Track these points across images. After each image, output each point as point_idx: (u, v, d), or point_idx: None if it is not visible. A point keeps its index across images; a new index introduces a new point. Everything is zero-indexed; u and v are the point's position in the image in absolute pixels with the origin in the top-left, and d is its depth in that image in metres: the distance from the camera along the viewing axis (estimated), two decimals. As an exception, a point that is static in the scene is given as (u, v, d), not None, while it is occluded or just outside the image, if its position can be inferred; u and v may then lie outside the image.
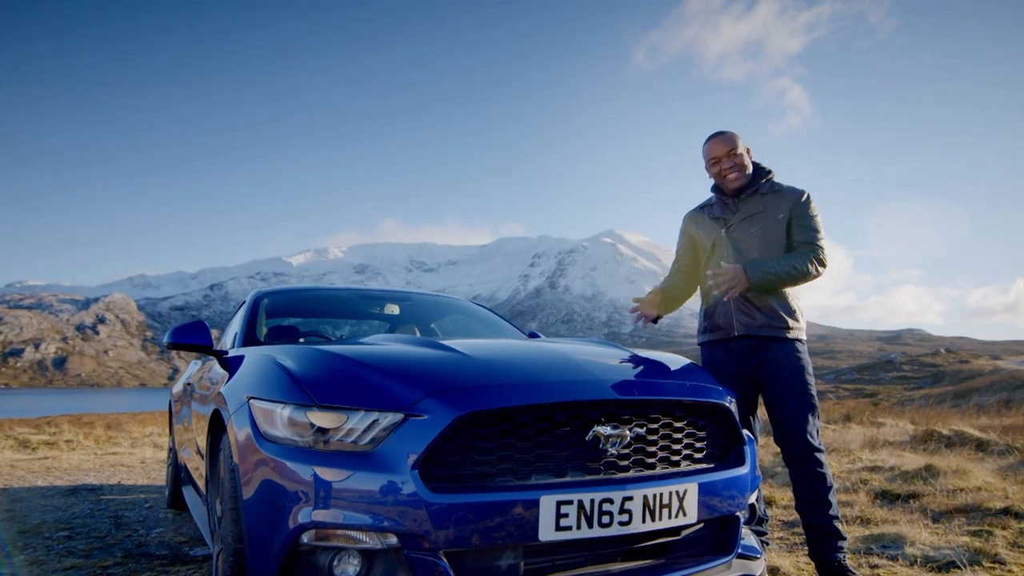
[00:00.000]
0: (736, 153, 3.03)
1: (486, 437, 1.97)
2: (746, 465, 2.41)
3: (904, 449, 6.98)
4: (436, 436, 1.89)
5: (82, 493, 5.69)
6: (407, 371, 2.12)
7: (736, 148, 3.04)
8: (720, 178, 3.08)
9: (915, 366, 77.06)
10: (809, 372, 2.94)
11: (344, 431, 1.98)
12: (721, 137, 3.07)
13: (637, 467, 2.17)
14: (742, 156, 3.04)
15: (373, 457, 1.92)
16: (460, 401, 1.95)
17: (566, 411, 2.06)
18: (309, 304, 4.02)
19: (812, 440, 2.85)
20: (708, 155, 3.10)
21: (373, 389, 2.04)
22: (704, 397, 2.35)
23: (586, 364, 2.30)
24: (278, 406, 2.08)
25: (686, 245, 3.31)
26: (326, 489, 1.91)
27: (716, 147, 3.06)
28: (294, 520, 1.92)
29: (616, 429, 2.10)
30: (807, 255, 2.92)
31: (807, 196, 3.03)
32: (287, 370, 2.20)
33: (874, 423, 11.24)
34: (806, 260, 2.91)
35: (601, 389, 2.13)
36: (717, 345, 3.10)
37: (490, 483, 1.94)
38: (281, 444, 2.02)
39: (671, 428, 2.27)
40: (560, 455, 2.05)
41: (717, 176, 3.10)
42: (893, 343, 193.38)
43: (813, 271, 2.92)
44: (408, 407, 1.95)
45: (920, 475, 5.11)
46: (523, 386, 2.06)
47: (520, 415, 2.01)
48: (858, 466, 5.95)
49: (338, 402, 2.02)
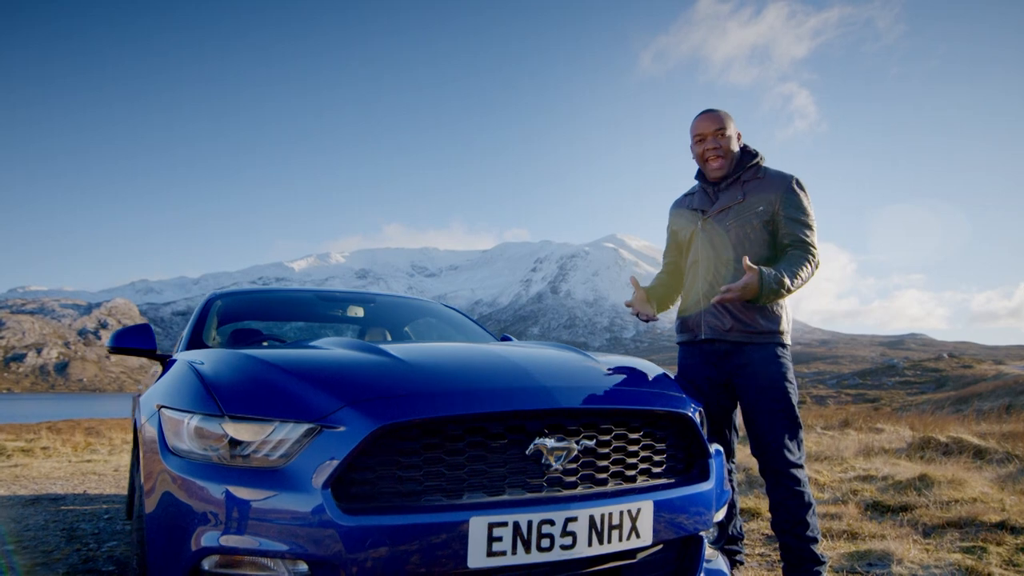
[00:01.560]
0: (724, 134, 2.76)
1: (411, 451, 1.77)
2: (711, 480, 2.21)
3: (900, 457, 6.75)
4: (351, 450, 1.69)
5: (43, 503, 5.48)
6: (328, 377, 1.92)
7: (725, 128, 2.77)
8: (702, 160, 2.83)
9: (918, 371, 76.60)
10: (790, 380, 2.70)
11: (255, 444, 1.78)
12: (710, 114, 2.81)
13: (586, 483, 1.97)
14: (729, 139, 2.78)
15: (283, 474, 1.72)
16: (380, 411, 1.75)
17: (503, 422, 1.86)
18: (266, 306, 3.82)
19: (789, 455, 2.63)
20: (694, 132, 2.83)
21: (288, 398, 1.84)
22: (663, 406, 2.15)
23: (533, 370, 2.09)
24: (186, 416, 1.89)
25: (671, 241, 3.09)
26: (232, 510, 1.71)
27: (703, 124, 2.80)
28: (196, 543, 1.72)
29: (561, 442, 1.90)
30: (805, 261, 2.62)
31: (795, 183, 2.70)
32: (201, 376, 2.00)
33: (873, 429, 11.00)
34: (807, 267, 2.62)
35: (545, 397, 1.92)
36: (692, 347, 2.88)
37: (415, 503, 1.74)
38: (186, 458, 1.83)
39: (626, 440, 2.07)
40: (496, 471, 1.85)
41: (699, 158, 2.84)
42: (896, 348, 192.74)
43: (811, 277, 2.65)
44: (323, 418, 1.76)
45: (914, 485, 4.88)
46: (454, 394, 1.86)
47: (450, 427, 1.80)
48: (850, 475, 5.72)
49: (249, 412, 1.82)
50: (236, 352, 2.18)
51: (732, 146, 2.79)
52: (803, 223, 2.69)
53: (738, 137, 2.84)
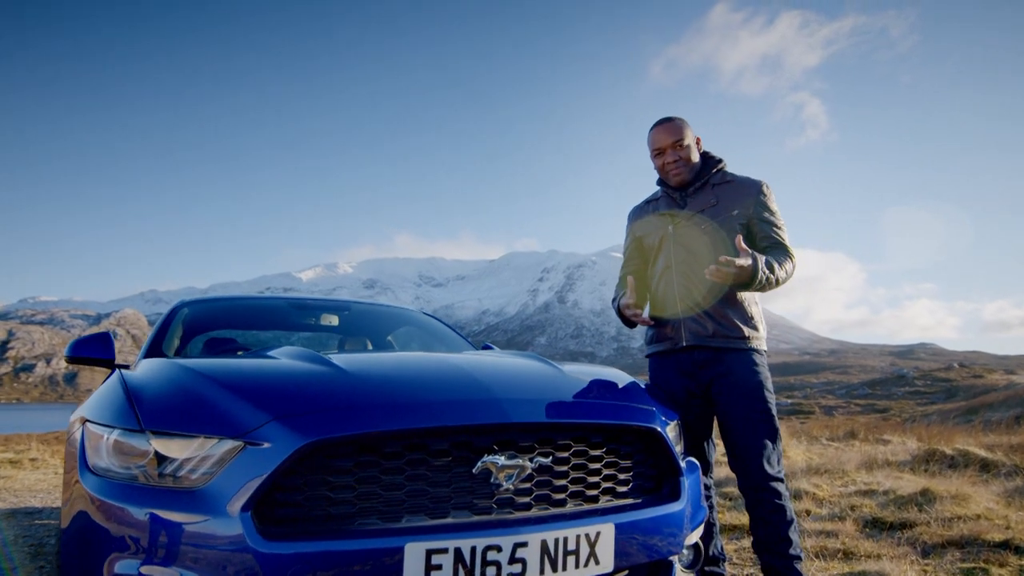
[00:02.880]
0: (682, 144, 2.69)
1: (344, 470, 1.62)
2: (682, 499, 2.04)
3: (903, 470, 6.54)
4: (274, 470, 1.54)
5: (19, 517, 5.34)
6: (258, 390, 1.77)
7: (683, 139, 2.69)
8: (663, 172, 2.76)
9: (928, 381, 75.88)
10: (769, 388, 2.56)
11: (177, 463, 1.64)
12: (667, 125, 2.72)
13: (541, 505, 1.81)
14: (689, 149, 2.70)
15: (201, 496, 1.58)
16: (309, 426, 1.60)
17: (447, 437, 1.71)
18: (234, 315, 3.69)
19: (770, 468, 2.47)
20: (652, 145, 2.75)
21: (214, 412, 1.70)
22: (628, 420, 1.99)
23: (487, 381, 1.94)
24: (107, 431, 1.75)
25: (633, 248, 2.94)
26: (148, 535, 1.57)
27: (660, 136, 2.72)
28: (108, 571, 1.58)
29: (513, 459, 1.75)
30: (787, 257, 2.59)
31: (766, 188, 2.68)
32: (127, 388, 1.87)
33: (879, 440, 10.77)
34: (788, 264, 2.57)
35: (495, 411, 1.77)
36: (666, 357, 2.73)
37: (346, 527, 1.59)
38: (103, 477, 1.69)
39: (586, 457, 1.91)
40: (440, 492, 1.69)
41: (660, 169, 2.77)
42: (906, 358, 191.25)
43: (790, 276, 2.59)
44: (247, 433, 1.61)
45: (915, 500, 4.68)
46: (393, 407, 1.71)
47: (387, 443, 1.66)
48: (851, 489, 5.52)
49: (171, 427, 1.68)
50: (169, 362, 2.05)
51: (692, 156, 2.72)
52: (777, 225, 2.67)
53: (697, 143, 2.77)
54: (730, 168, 2.77)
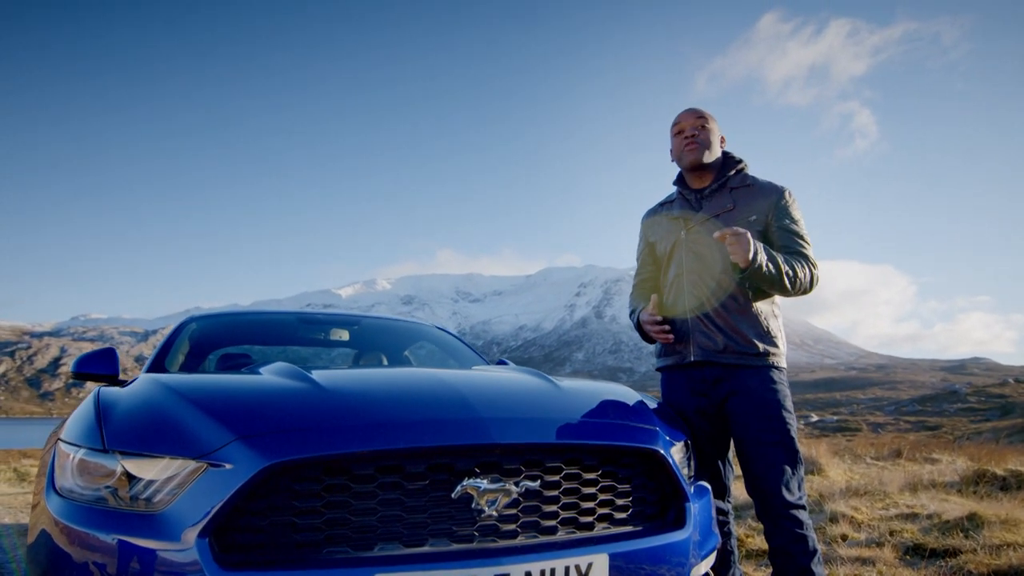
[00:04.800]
0: (704, 127, 2.55)
1: (311, 494, 1.52)
2: (688, 526, 1.89)
3: (951, 492, 6.19)
4: (234, 493, 1.45)
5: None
6: (226, 407, 1.68)
7: (706, 121, 2.56)
8: (678, 152, 2.60)
9: (981, 397, 72.96)
10: (787, 408, 2.38)
11: (141, 484, 1.56)
12: (693, 109, 2.61)
13: (528, 532, 1.68)
14: (709, 132, 2.55)
15: (161, 520, 1.49)
16: (273, 446, 1.50)
17: (424, 459, 1.60)
18: (242, 330, 3.64)
19: (789, 495, 2.29)
20: (674, 125, 2.62)
21: (180, 431, 1.61)
22: (626, 440, 1.85)
23: (473, 399, 1.82)
24: (74, 450, 1.68)
25: (646, 253, 2.79)
26: (106, 560, 1.49)
27: (683, 116, 2.60)
28: (67, 598, 1.50)
29: (497, 483, 1.63)
30: (802, 263, 2.40)
31: (788, 194, 2.50)
32: (99, 406, 1.80)
33: (927, 459, 10.28)
34: (805, 271, 2.39)
35: (477, 430, 1.65)
36: (676, 373, 2.57)
37: (313, 556, 1.49)
38: (66, 498, 1.61)
39: (579, 481, 1.78)
40: (416, 518, 1.58)
41: (676, 149, 2.61)
42: (958, 373, 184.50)
43: (807, 285, 2.40)
44: (209, 454, 1.52)
45: (961, 526, 4.39)
46: (367, 427, 1.60)
47: (358, 465, 1.55)
48: (892, 513, 5.22)
49: (135, 447, 1.60)
50: (150, 378, 1.97)
51: (711, 140, 2.56)
52: (798, 234, 2.47)
53: (722, 141, 2.63)
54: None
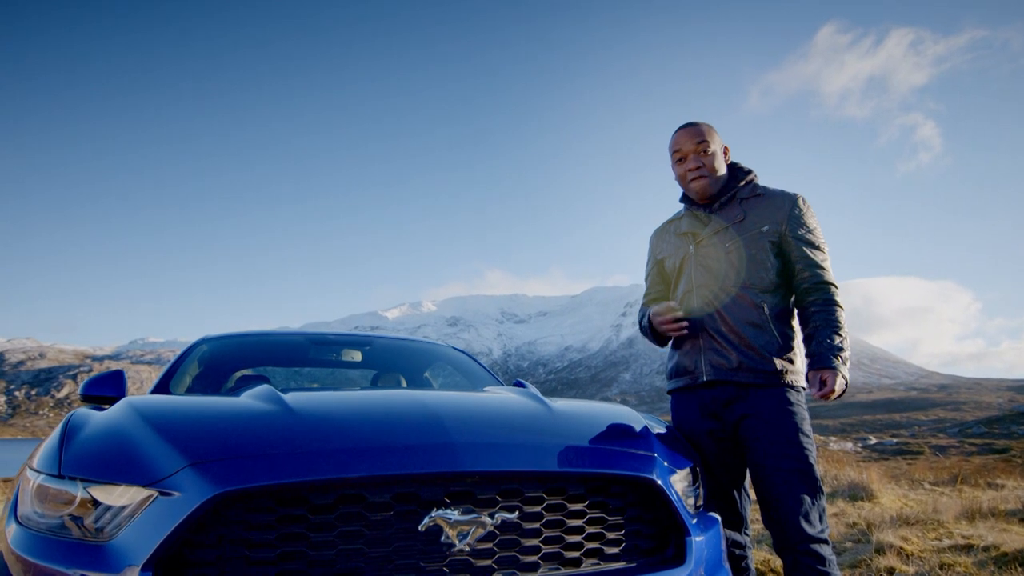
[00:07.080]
0: (707, 151, 2.37)
1: (265, 525, 1.42)
2: (689, 562, 1.72)
3: (1012, 521, 5.75)
4: (179, 523, 1.36)
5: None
6: (182, 432, 1.59)
7: (708, 144, 2.38)
8: (684, 182, 2.44)
9: (1054, 418, 69.07)
10: (805, 432, 2.19)
11: (93, 514, 1.49)
12: (690, 128, 2.41)
13: (506, 569, 1.55)
14: (713, 156, 2.38)
15: (108, 551, 1.41)
16: (223, 474, 1.41)
17: (387, 488, 1.48)
18: (252, 351, 3.60)
19: (809, 527, 2.09)
20: (673, 148, 2.44)
21: (134, 457, 1.54)
22: (616, 468, 1.71)
23: (449, 422, 1.69)
24: (35, 475, 1.62)
25: (655, 272, 2.64)
26: (56, 593, 1.41)
27: (682, 139, 2.41)
28: (14, 633, 1.43)
29: (469, 514, 1.50)
30: (835, 309, 2.26)
31: (802, 202, 2.34)
32: (64, 430, 1.74)
33: (990, 485, 9.67)
34: (842, 316, 2.26)
35: (445, 457, 1.53)
36: (687, 395, 2.41)
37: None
38: (23, 526, 1.55)
39: (564, 512, 1.64)
40: (379, 551, 1.47)
41: (681, 179, 2.45)
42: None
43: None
44: (159, 481, 1.44)
45: (1021, 559, 4.05)
46: (325, 453, 1.50)
47: (315, 494, 1.45)
48: (945, 544, 4.85)
49: (88, 474, 1.53)
50: (125, 401, 1.91)
51: (717, 164, 2.39)
52: (815, 246, 2.31)
53: (725, 153, 2.45)
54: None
